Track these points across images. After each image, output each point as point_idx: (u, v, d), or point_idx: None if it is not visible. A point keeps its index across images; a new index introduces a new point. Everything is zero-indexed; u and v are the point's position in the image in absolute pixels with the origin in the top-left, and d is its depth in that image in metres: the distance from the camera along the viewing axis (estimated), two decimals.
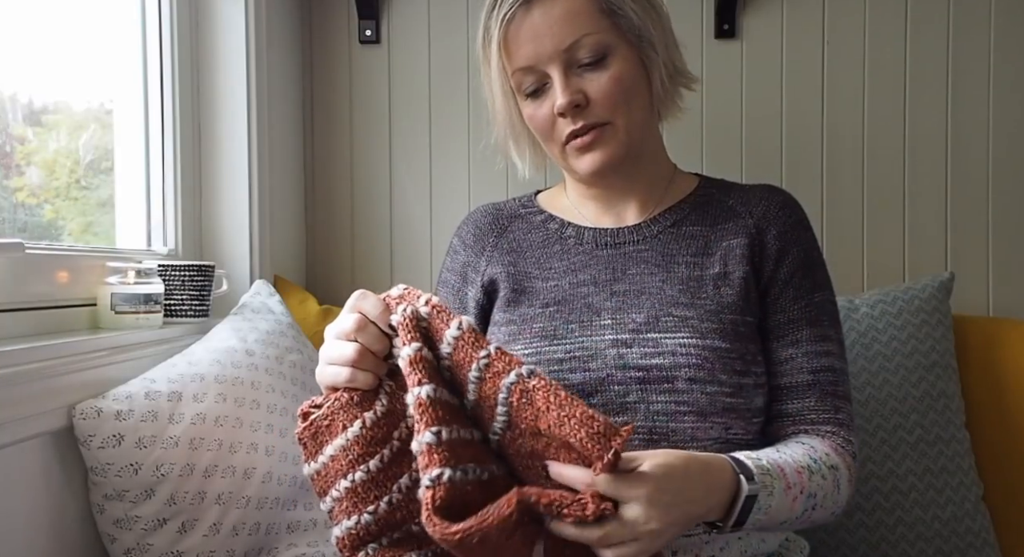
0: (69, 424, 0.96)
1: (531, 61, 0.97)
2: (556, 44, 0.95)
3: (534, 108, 1.00)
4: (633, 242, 1.03)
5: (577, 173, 1.02)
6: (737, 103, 1.67)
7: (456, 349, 0.77)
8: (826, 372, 0.98)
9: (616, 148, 0.99)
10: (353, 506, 0.80)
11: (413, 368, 0.75)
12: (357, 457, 0.80)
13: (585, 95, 0.96)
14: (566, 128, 0.98)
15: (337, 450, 0.81)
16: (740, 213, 1.04)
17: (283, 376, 1.20)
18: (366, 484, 0.80)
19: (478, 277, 1.08)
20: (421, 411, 0.73)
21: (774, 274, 1.01)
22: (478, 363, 0.76)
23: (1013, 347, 1.43)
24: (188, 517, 1.01)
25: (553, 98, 0.97)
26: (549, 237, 1.08)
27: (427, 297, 0.80)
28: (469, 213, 1.17)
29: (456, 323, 0.77)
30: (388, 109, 1.74)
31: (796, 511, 0.86)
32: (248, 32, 1.48)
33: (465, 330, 0.77)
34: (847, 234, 1.65)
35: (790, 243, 1.02)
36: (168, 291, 1.28)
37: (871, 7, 1.64)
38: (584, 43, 0.96)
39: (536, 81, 0.99)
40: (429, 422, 0.72)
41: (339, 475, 0.80)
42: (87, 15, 1.33)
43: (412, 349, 0.76)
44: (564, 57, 0.96)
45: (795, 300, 1.00)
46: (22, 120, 1.21)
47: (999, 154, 1.62)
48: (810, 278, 1.01)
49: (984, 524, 1.32)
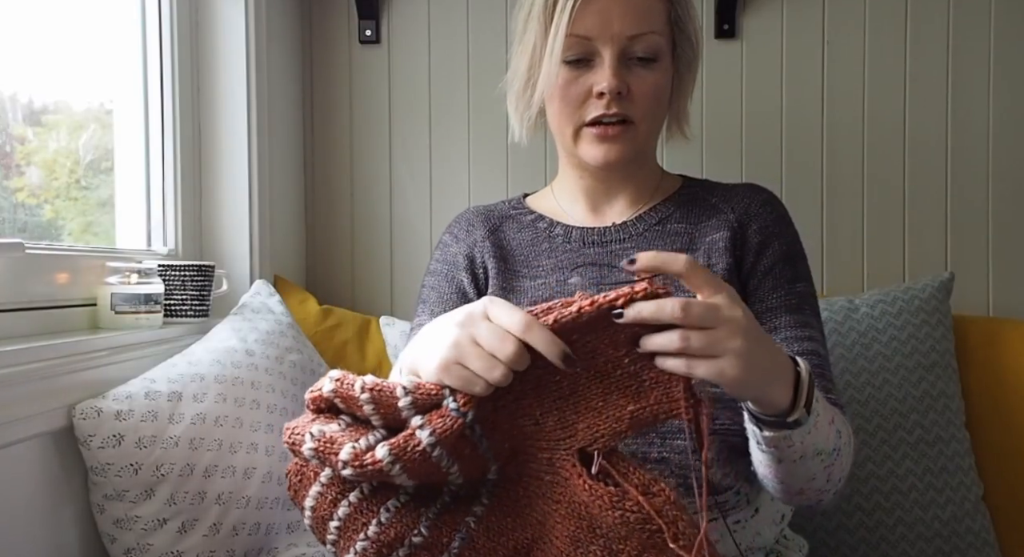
0: (69, 424, 0.96)
1: (591, 33, 0.96)
2: (623, 28, 0.96)
3: (572, 76, 0.99)
4: (619, 240, 1.04)
5: (584, 158, 1.02)
6: (737, 103, 1.67)
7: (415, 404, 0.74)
8: (810, 355, 0.95)
9: (630, 148, 1.00)
10: (348, 539, 0.80)
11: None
12: (336, 496, 0.79)
13: (628, 88, 0.97)
14: (596, 110, 0.98)
15: (316, 498, 0.80)
16: (722, 209, 1.05)
17: (283, 376, 1.20)
18: (351, 516, 0.79)
19: (470, 264, 1.09)
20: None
21: (754, 266, 1.01)
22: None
23: (1013, 347, 1.43)
24: (188, 517, 1.01)
25: (594, 76, 0.97)
26: (538, 236, 1.08)
27: (361, 382, 0.76)
28: (459, 213, 1.17)
29: (400, 389, 0.74)
30: (388, 109, 1.74)
31: (831, 440, 0.82)
32: (248, 32, 1.48)
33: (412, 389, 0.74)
34: (847, 234, 1.65)
35: (772, 236, 1.02)
36: (168, 291, 1.28)
37: (871, 7, 1.64)
38: (646, 39, 0.97)
39: (582, 53, 0.98)
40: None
41: (327, 519, 0.80)
42: (87, 15, 1.33)
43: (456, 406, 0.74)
44: (623, 43, 0.96)
45: (774, 289, 0.99)
46: (22, 120, 1.21)
47: (999, 154, 1.62)
48: (791, 269, 1.01)
49: (984, 524, 1.32)
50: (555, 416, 0.75)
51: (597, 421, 0.73)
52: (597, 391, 0.73)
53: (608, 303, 0.70)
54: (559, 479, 0.76)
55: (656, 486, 0.71)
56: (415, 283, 1.72)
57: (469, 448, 0.74)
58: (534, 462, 0.77)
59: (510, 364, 0.69)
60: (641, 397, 0.71)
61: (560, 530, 0.75)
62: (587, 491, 0.72)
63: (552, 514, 0.76)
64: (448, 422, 0.71)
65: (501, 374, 0.69)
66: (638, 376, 0.71)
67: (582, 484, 0.72)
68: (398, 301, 1.73)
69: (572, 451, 0.75)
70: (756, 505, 0.95)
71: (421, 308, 1.10)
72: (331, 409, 0.79)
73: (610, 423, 0.73)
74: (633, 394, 0.72)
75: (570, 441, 0.75)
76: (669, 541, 0.68)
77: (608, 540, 0.72)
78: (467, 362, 0.70)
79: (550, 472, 0.76)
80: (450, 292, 1.08)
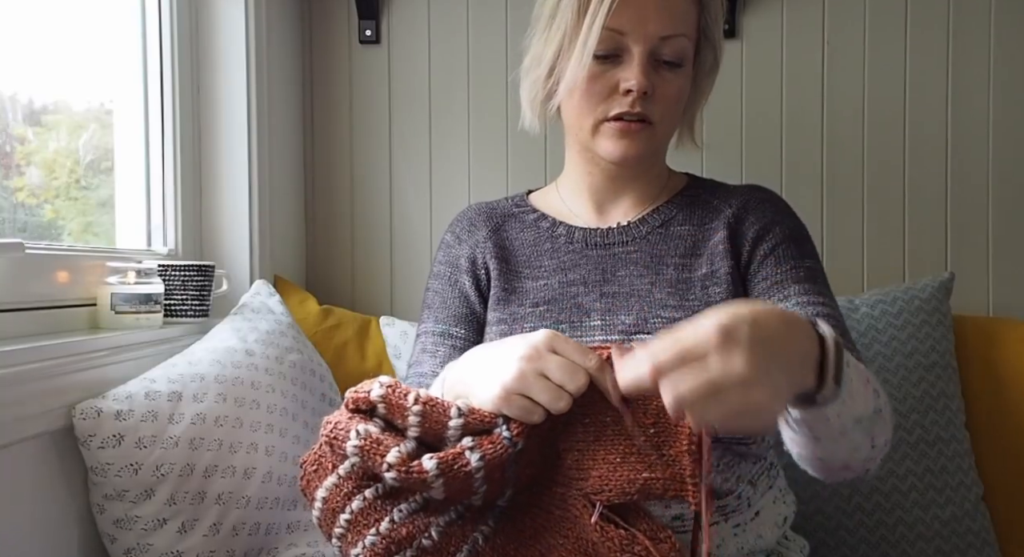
0: (69, 424, 0.96)
1: (624, 28, 0.96)
2: (658, 28, 0.96)
3: (599, 70, 0.98)
4: (622, 242, 1.04)
5: (600, 153, 1.01)
6: (737, 103, 1.67)
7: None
8: (825, 318, 0.90)
9: (647, 147, 1.00)
10: (357, 533, 0.80)
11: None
12: (352, 490, 0.80)
13: (653, 88, 0.97)
14: (620, 107, 0.98)
15: (329, 490, 0.81)
16: (721, 209, 1.05)
17: (283, 376, 1.20)
18: (364, 511, 0.79)
19: (472, 266, 1.08)
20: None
21: (752, 252, 1.00)
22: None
23: (1013, 347, 1.42)
24: (188, 517, 1.01)
25: (621, 72, 0.97)
26: (540, 236, 1.08)
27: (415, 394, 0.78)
28: (462, 211, 1.17)
29: (454, 410, 0.77)
30: (388, 109, 1.74)
31: (870, 402, 0.76)
32: (248, 32, 1.48)
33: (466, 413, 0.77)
34: (847, 234, 1.65)
35: (772, 223, 1.01)
36: (168, 291, 1.28)
37: (871, 7, 1.64)
38: (676, 42, 0.97)
39: (612, 48, 0.97)
40: None
41: (337, 511, 0.81)
42: (87, 15, 1.33)
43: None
44: (655, 43, 0.96)
45: (778, 265, 0.98)
46: (22, 120, 1.21)
47: (999, 154, 1.62)
48: (797, 247, 1.00)
49: (984, 524, 1.32)
50: (574, 456, 0.77)
51: (610, 475, 0.75)
52: (619, 448, 0.75)
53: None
54: (569, 516, 0.77)
55: (663, 533, 0.74)
56: (415, 283, 1.72)
57: (500, 472, 0.76)
58: (547, 495, 0.79)
59: (576, 395, 0.73)
60: (656, 469, 0.73)
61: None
62: (598, 532, 0.74)
63: (558, 548, 0.77)
64: (499, 449, 0.74)
65: (566, 405, 0.73)
66: (660, 449, 0.74)
67: (593, 525, 0.74)
68: (398, 301, 1.73)
69: (583, 493, 0.77)
70: (757, 508, 0.95)
71: (426, 313, 1.10)
72: (368, 412, 0.80)
73: (622, 483, 0.75)
74: (649, 464, 0.74)
75: (581, 484, 0.77)
76: None
77: None
78: (532, 394, 0.74)
79: (561, 507, 0.78)
80: (453, 297, 1.08)
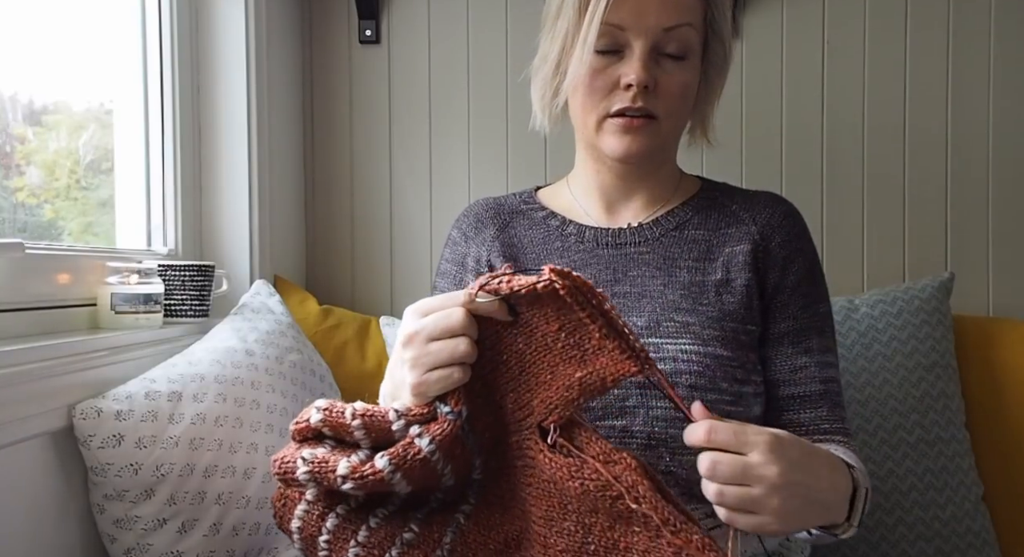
0: (69, 424, 0.96)
1: (624, 23, 0.95)
2: (659, 21, 0.94)
3: (600, 66, 0.97)
4: (634, 243, 1.02)
5: (604, 150, 1.00)
6: (737, 103, 1.66)
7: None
8: (833, 383, 0.99)
9: (651, 142, 0.98)
10: (339, 550, 0.80)
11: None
12: (324, 510, 0.80)
13: (656, 82, 0.96)
14: (621, 102, 0.96)
15: (302, 518, 0.81)
16: (743, 219, 1.03)
17: (283, 376, 1.20)
18: (340, 527, 0.80)
19: (479, 266, 1.07)
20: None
21: (781, 280, 1.00)
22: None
23: (1013, 347, 1.43)
24: (188, 517, 1.01)
25: (622, 67, 0.96)
26: (550, 234, 1.06)
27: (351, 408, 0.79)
28: (468, 206, 1.15)
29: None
30: (388, 109, 1.74)
31: (868, 505, 0.86)
32: (248, 32, 1.48)
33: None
34: (847, 234, 1.65)
35: (795, 252, 1.01)
36: (168, 291, 1.28)
37: (871, 7, 1.64)
38: (680, 33, 0.95)
39: (613, 42, 0.96)
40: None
41: (315, 536, 0.81)
42: (87, 15, 1.33)
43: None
44: (657, 37, 0.95)
45: (804, 308, 1.00)
46: (22, 120, 1.21)
47: (999, 154, 1.62)
48: (815, 288, 1.02)
49: (984, 524, 1.32)
50: (511, 397, 0.77)
51: (548, 394, 0.74)
52: (544, 365, 0.74)
53: (530, 287, 0.70)
54: (528, 461, 0.76)
55: (617, 455, 0.72)
56: (415, 283, 1.72)
57: (459, 447, 0.76)
58: (507, 449, 0.78)
59: (466, 331, 0.73)
60: (587, 363, 0.72)
61: (535, 512, 0.75)
62: (549, 464, 0.73)
63: (527, 498, 0.76)
64: (446, 427, 0.74)
65: (465, 345, 0.73)
66: (580, 345, 0.72)
67: (543, 459, 0.73)
68: (398, 301, 1.73)
69: (533, 429, 0.76)
70: None
71: None
72: (316, 437, 0.80)
73: (561, 393, 0.73)
74: (578, 362, 0.72)
75: (529, 419, 0.76)
76: (631, 503, 0.68)
77: (579, 514, 0.72)
78: (433, 361, 0.74)
79: (520, 456, 0.77)
80: None
